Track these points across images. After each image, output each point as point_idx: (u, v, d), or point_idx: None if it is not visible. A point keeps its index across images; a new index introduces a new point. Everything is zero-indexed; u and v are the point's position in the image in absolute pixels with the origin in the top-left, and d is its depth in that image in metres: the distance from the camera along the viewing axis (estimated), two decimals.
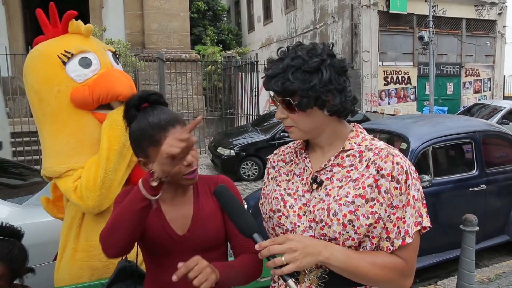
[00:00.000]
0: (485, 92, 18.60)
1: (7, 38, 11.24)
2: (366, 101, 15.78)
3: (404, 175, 1.19)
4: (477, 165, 4.49)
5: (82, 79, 2.01)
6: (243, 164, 9.15)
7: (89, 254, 2.06)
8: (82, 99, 1.99)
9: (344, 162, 1.28)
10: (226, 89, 14.17)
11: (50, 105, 2.04)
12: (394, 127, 4.77)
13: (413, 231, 1.20)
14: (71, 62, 2.01)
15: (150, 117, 1.36)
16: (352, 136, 1.31)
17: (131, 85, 2.03)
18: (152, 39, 12.45)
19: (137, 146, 1.41)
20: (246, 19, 25.59)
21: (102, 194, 1.94)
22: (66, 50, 2.02)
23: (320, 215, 1.22)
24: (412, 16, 16.34)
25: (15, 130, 8.92)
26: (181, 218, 1.45)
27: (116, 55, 2.27)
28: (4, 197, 3.09)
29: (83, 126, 2.04)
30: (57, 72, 2.01)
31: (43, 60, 2.06)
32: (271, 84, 1.23)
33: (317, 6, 17.91)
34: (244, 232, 1.22)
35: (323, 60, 1.21)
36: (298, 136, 1.31)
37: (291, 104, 1.23)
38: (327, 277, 1.24)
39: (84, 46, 2.08)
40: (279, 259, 1.10)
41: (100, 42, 2.29)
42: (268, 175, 1.47)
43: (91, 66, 2.04)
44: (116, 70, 2.12)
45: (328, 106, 1.23)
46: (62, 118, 2.04)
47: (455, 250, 4.06)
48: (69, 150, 2.04)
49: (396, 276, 1.20)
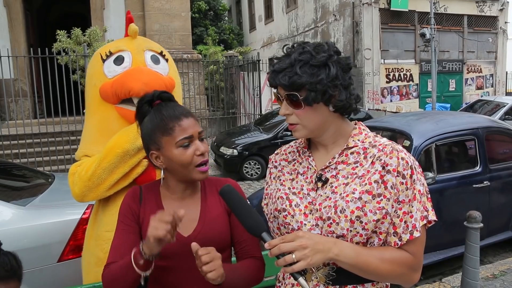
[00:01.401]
0: (487, 88, 18.55)
1: (9, 40, 11.24)
2: (368, 98, 15.76)
3: (410, 170, 1.20)
4: (481, 162, 4.48)
5: (112, 74, 2.13)
6: (246, 164, 9.16)
7: (96, 243, 2.12)
8: (105, 93, 2.11)
9: (349, 160, 1.28)
10: (228, 89, 14.17)
11: (88, 98, 2.25)
12: (396, 125, 4.76)
13: (420, 225, 1.20)
14: (109, 60, 2.17)
15: (163, 110, 1.40)
16: (355, 134, 1.31)
17: (146, 82, 2.04)
18: (154, 40, 12.23)
19: (149, 139, 1.41)
20: (247, 18, 25.59)
21: (87, 186, 1.99)
22: (109, 49, 2.20)
23: (327, 213, 1.22)
24: (414, 13, 16.31)
25: (18, 132, 8.94)
26: (187, 220, 1.44)
27: (162, 54, 2.30)
28: (7, 199, 3.09)
29: (105, 118, 2.16)
30: (97, 68, 2.20)
31: (92, 60, 2.30)
32: (278, 78, 1.22)
33: (318, 5, 17.89)
34: (252, 231, 1.20)
35: (330, 55, 1.22)
36: (303, 134, 1.30)
37: (297, 99, 1.22)
38: (334, 274, 1.24)
39: (123, 45, 2.21)
40: (289, 256, 1.10)
41: (145, 42, 2.33)
42: (270, 175, 1.47)
43: (123, 63, 2.15)
44: (141, 68, 2.14)
45: (334, 102, 1.23)
46: (92, 108, 2.23)
47: (460, 247, 4.04)
48: (91, 138, 2.21)
49: (405, 271, 1.21)
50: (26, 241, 2.86)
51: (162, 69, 2.23)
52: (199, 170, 1.39)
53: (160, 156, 1.40)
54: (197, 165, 1.38)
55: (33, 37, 13.02)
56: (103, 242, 2.06)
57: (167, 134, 1.36)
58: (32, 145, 8.86)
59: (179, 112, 1.40)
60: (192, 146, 1.38)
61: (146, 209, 1.45)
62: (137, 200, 1.46)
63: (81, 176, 2.01)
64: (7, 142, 8.91)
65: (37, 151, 8.76)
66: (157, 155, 1.41)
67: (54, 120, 9.42)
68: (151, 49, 2.28)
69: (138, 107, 1.46)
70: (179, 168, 1.39)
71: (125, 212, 1.45)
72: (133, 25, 2.23)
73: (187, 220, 1.44)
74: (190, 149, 1.37)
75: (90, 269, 2.13)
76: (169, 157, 1.37)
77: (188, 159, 1.35)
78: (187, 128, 1.37)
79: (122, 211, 1.46)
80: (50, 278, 2.88)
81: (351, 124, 1.34)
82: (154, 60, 2.23)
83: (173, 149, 1.36)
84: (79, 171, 2.03)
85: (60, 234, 2.94)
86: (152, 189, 1.51)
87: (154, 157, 1.42)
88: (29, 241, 2.88)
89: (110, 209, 2.09)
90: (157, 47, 2.34)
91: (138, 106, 1.46)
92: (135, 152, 1.98)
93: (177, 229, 1.41)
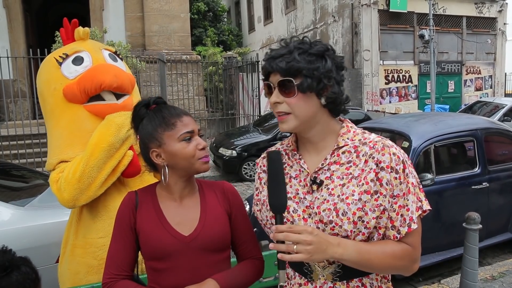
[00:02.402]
0: (486, 89, 18.58)
1: (8, 41, 11.24)
2: (367, 100, 15.77)
3: (402, 164, 1.22)
4: (479, 163, 4.48)
5: (74, 75, 2.11)
6: (245, 165, 9.16)
7: (86, 251, 2.08)
8: (72, 93, 2.08)
9: (341, 159, 1.28)
10: (227, 90, 14.16)
11: (49, 104, 2.18)
12: (395, 126, 4.76)
13: (416, 217, 1.23)
14: (66, 62, 2.15)
15: (164, 110, 1.45)
16: (344, 132, 1.31)
17: (115, 74, 2.07)
18: (153, 41, 12.44)
19: (149, 137, 1.43)
20: (246, 19, 25.60)
21: (79, 188, 1.95)
22: (63, 52, 2.17)
23: (328, 216, 1.23)
24: (413, 15, 16.34)
25: (17, 133, 8.93)
26: (187, 220, 1.45)
27: (117, 54, 2.32)
28: (7, 200, 3.09)
29: (74, 119, 2.13)
30: (53, 72, 2.16)
31: (45, 65, 2.25)
32: (275, 63, 1.23)
33: (317, 6, 17.91)
34: (274, 207, 1.19)
35: (327, 48, 1.26)
36: (292, 125, 1.26)
37: (291, 85, 1.22)
38: (341, 271, 1.26)
39: (79, 47, 2.21)
40: (291, 246, 1.11)
41: (97, 43, 2.36)
42: (260, 180, 1.46)
43: (83, 63, 2.14)
44: (104, 63, 2.16)
45: (327, 94, 1.24)
46: (57, 113, 2.16)
47: (458, 249, 4.04)
48: (62, 142, 2.14)
49: (405, 262, 1.25)
50: (25, 241, 2.86)
51: (120, 66, 2.25)
52: (202, 161, 1.43)
53: (161, 153, 1.42)
54: (199, 158, 1.43)
55: (32, 38, 13.00)
56: (96, 249, 2.03)
57: (170, 129, 1.41)
58: (31, 145, 8.86)
59: (179, 110, 1.47)
60: (194, 141, 1.43)
61: (143, 213, 1.46)
62: (132, 207, 1.47)
63: (68, 180, 1.96)
64: (6, 142, 8.91)
65: (36, 152, 8.75)
66: (158, 152, 1.43)
67: None
68: (107, 49, 2.31)
69: (135, 110, 1.49)
70: (181, 162, 1.42)
71: (120, 220, 1.47)
72: (81, 28, 2.27)
73: (186, 219, 1.45)
74: (192, 143, 1.42)
75: (80, 279, 2.07)
76: (172, 151, 1.41)
77: (191, 152, 1.40)
78: (188, 123, 1.43)
79: (118, 219, 1.48)
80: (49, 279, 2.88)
81: (338, 122, 1.35)
82: (112, 58, 2.26)
83: (175, 143, 1.40)
84: (65, 176, 1.98)
85: (59, 234, 2.93)
86: (148, 192, 1.51)
87: (155, 155, 1.44)
88: (28, 242, 2.88)
89: (101, 215, 2.06)
90: (112, 48, 2.39)
91: (136, 109, 1.48)
92: (119, 144, 1.98)
93: (177, 228, 1.42)
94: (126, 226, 1.45)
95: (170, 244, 1.41)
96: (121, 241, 1.44)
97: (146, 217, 1.44)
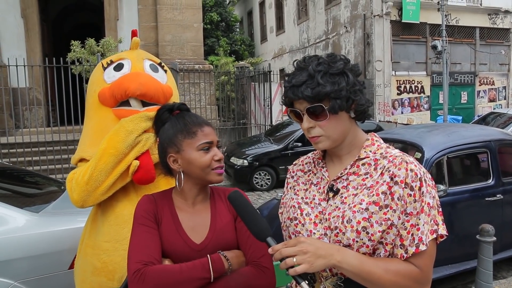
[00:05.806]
0: (500, 101, 18.38)
1: (25, 50, 11.46)
2: (379, 110, 15.70)
3: (418, 182, 1.19)
4: (493, 175, 4.43)
5: (111, 80, 2.20)
6: (256, 174, 9.16)
7: (93, 252, 2.10)
8: (103, 96, 2.17)
9: (360, 171, 1.29)
10: (239, 99, 14.23)
11: (88, 103, 2.32)
12: (408, 137, 4.73)
13: (428, 239, 1.18)
14: (109, 67, 2.25)
15: (186, 117, 1.48)
16: (368, 145, 1.32)
17: (142, 83, 2.11)
18: (166, 50, 12.59)
19: (169, 142, 1.47)
20: (258, 29, 25.76)
21: (87, 190, 1.99)
22: (110, 59, 2.30)
23: (335, 222, 1.23)
24: (425, 25, 16.29)
25: (32, 140, 9.07)
26: (198, 227, 1.47)
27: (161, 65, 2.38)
28: (21, 206, 3.13)
29: (102, 121, 2.21)
30: (98, 76, 2.28)
31: (95, 69, 2.39)
32: (300, 91, 1.22)
33: (329, 16, 17.96)
34: (257, 235, 1.22)
35: (345, 63, 1.25)
36: (326, 145, 1.29)
37: (322, 110, 1.22)
38: (342, 285, 1.24)
39: (124, 55, 2.32)
40: (290, 259, 1.11)
41: (145, 53, 2.43)
42: (287, 185, 1.49)
43: (122, 69, 2.22)
44: (139, 72, 2.21)
45: (356, 107, 1.26)
46: (91, 113, 2.28)
47: (472, 261, 3.99)
48: (87, 140, 2.24)
49: (410, 283, 1.19)
50: (38, 247, 2.89)
51: (160, 77, 2.28)
52: (216, 172, 1.46)
53: (178, 159, 1.46)
54: (214, 168, 1.45)
55: (48, 47, 13.24)
56: (101, 252, 2.05)
57: (190, 137, 1.44)
58: (45, 152, 8.98)
59: (201, 120, 1.50)
60: (211, 151, 1.46)
61: (161, 214, 1.48)
62: (155, 204, 1.49)
63: (78, 181, 2.01)
64: (21, 149, 9.04)
65: (49, 159, 8.87)
66: (175, 158, 1.46)
67: (67, 129, 9.55)
68: (151, 59, 2.37)
69: (158, 114, 1.52)
70: (196, 170, 1.44)
71: (146, 212, 1.47)
72: (136, 38, 2.37)
73: (198, 226, 1.46)
74: (210, 153, 1.45)
75: (86, 277, 2.10)
76: (189, 159, 1.44)
77: (207, 162, 1.43)
78: (208, 134, 1.46)
79: (139, 215, 1.47)
80: (62, 285, 2.90)
81: (364, 134, 1.36)
82: (153, 69, 2.29)
83: (193, 152, 1.43)
84: (76, 177, 2.04)
85: (72, 241, 2.96)
86: (164, 196, 1.54)
87: (171, 160, 1.47)
88: (42, 248, 2.91)
89: (110, 219, 2.08)
90: (157, 59, 2.44)
91: (158, 113, 1.52)
92: (128, 150, 2.00)
93: (190, 234, 1.43)
94: (152, 218, 1.46)
95: (181, 251, 1.43)
96: (148, 230, 1.43)
97: (163, 219, 1.47)
